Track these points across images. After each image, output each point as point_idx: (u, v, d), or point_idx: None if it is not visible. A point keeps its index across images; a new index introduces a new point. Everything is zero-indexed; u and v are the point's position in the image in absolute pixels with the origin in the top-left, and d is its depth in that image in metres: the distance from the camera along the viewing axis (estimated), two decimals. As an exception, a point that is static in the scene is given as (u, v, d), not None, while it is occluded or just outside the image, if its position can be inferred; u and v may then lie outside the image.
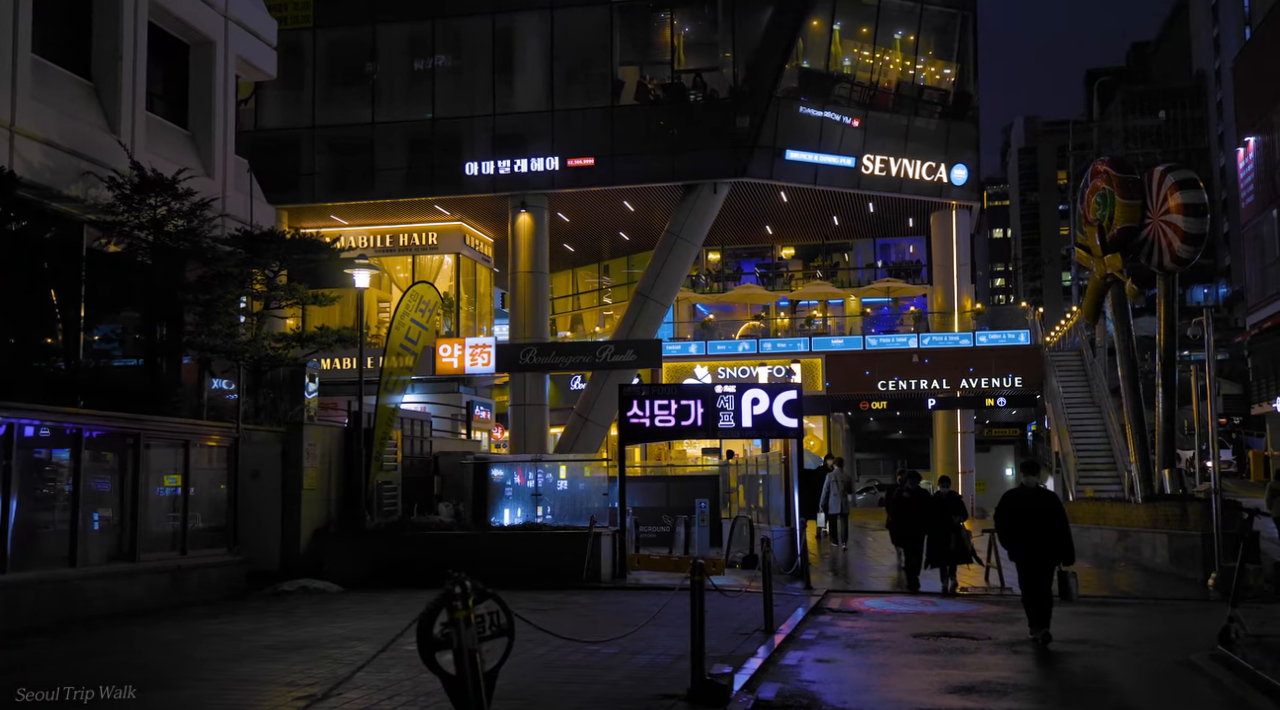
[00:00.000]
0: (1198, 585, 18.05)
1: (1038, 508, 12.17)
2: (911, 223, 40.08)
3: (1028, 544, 12.11)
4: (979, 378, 36.49)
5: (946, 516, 17.02)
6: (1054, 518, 12.10)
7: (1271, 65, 41.06)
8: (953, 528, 16.88)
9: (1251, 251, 43.01)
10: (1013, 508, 12.33)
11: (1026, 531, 12.07)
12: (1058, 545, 12.05)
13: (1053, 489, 35.20)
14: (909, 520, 17.94)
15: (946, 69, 37.56)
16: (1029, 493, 12.40)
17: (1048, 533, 12.00)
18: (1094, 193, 22.88)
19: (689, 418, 19.21)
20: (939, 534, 17.05)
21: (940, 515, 17.12)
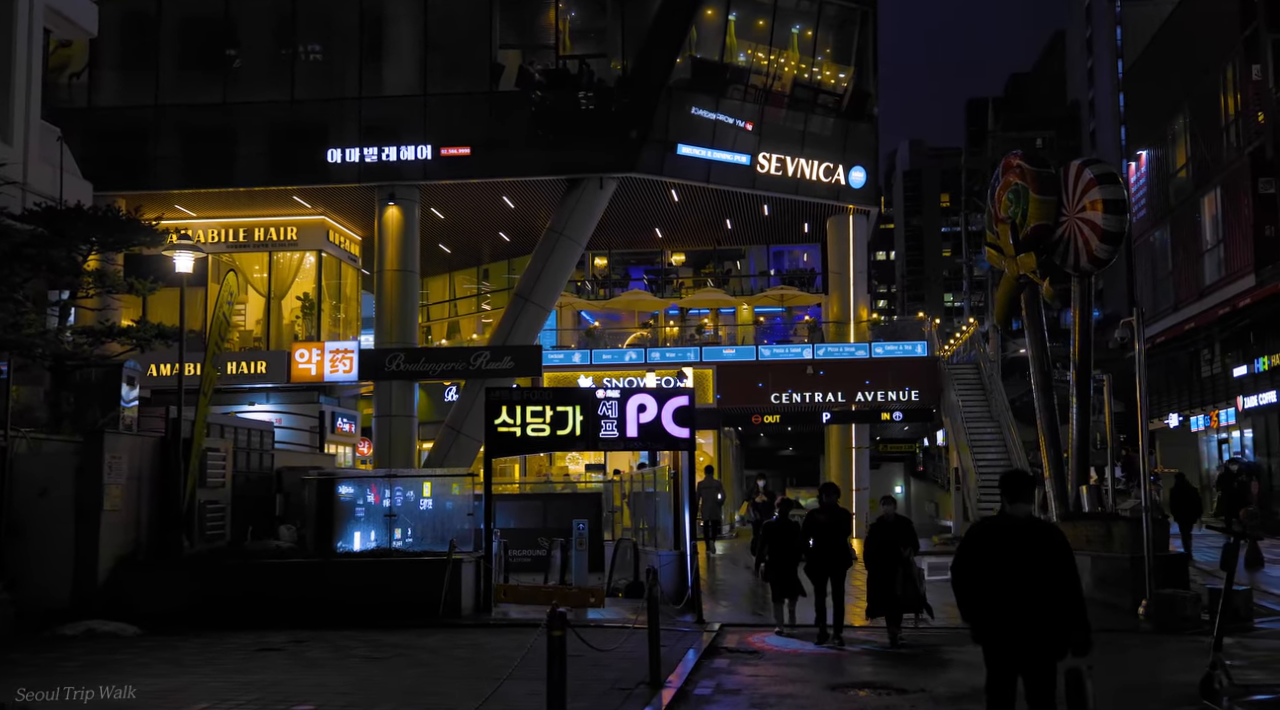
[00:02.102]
0: (1126, 614, 16.23)
1: (1030, 554, 6.72)
2: (807, 228, 38.35)
3: (1008, 618, 6.67)
4: (875, 391, 34.85)
5: (892, 549, 13.53)
6: (1056, 570, 6.72)
7: (1166, 78, 40.56)
8: (900, 562, 13.38)
9: (1143, 265, 42.44)
10: (985, 552, 6.86)
11: (1008, 596, 6.66)
12: (1059, 619, 6.70)
13: (955, 508, 33.84)
14: (827, 553, 13.81)
15: (845, 68, 35.97)
16: (1015, 528, 6.88)
17: (1042, 596, 6.64)
18: (1006, 188, 21.20)
19: (566, 426, 16.82)
20: (882, 572, 13.47)
21: (882, 547, 13.63)
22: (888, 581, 13.36)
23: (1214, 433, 35.80)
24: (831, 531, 13.85)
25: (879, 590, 13.50)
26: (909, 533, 13.75)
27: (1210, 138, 35.39)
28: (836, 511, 14.14)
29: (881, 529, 13.78)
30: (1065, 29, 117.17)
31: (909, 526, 13.93)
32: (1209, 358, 36.33)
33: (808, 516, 14.27)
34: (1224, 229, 34.41)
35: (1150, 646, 13.75)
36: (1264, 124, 31.21)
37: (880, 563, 13.46)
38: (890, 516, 13.84)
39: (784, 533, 14.53)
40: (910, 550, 13.50)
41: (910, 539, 13.63)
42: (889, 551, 13.44)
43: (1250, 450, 33.06)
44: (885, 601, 13.49)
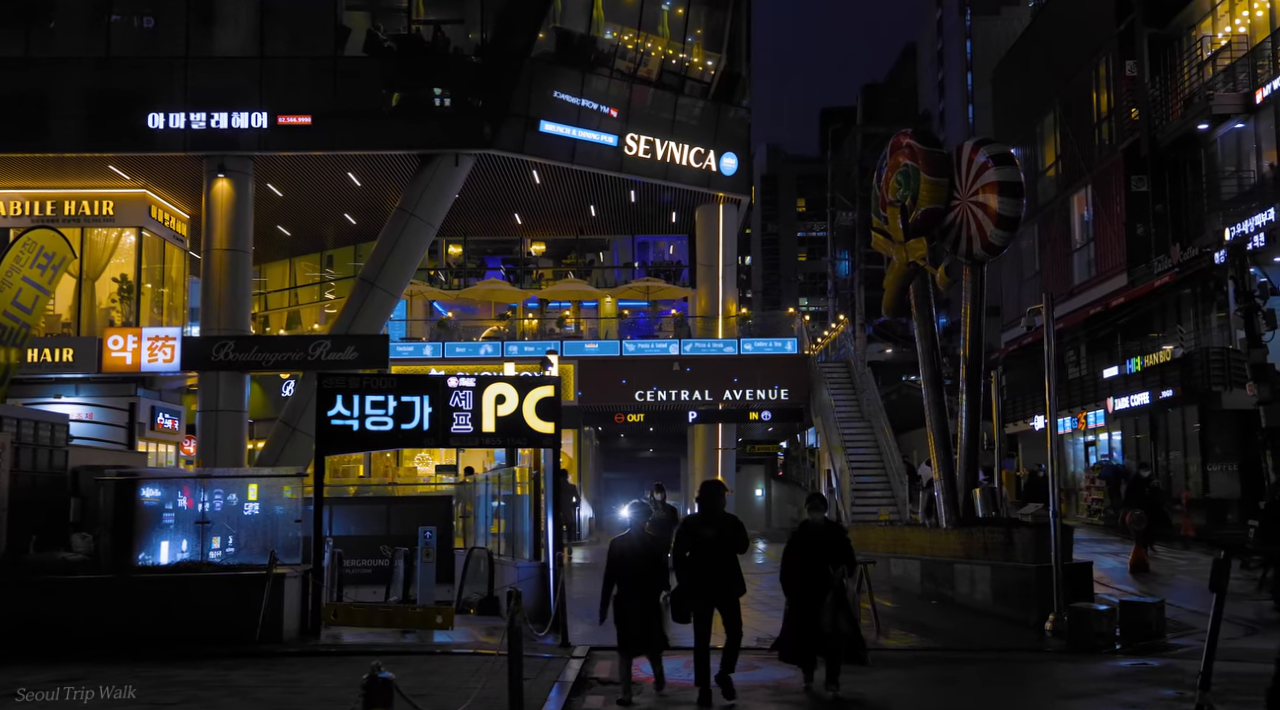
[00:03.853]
0: (1032, 630, 14.76)
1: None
2: (675, 218, 36.61)
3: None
4: (744, 389, 33.35)
5: (819, 567, 10.20)
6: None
7: (1035, 76, 40.26)
8: (832, 587, 10.02)
9: (1009, 266, 42.06)
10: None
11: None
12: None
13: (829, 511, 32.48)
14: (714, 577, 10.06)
15: (716, 53, 34.35)
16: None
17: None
18: (895, 170, 19.62)
19: (412, 419, 14.52)
20: (807, 598, 10.16)
21: (808, 565, 10.35)
22: (813, 610, 9.96)
23: (1081, 435, 35.41)
24: (719, 549, 9.97)
25: (802, 623, 10.11)
26: (842, 545, 10.40)
27: (1081, 135, 34.99)
28: (725, 520, 10.21)
29: (808, 540, 10.42)
30: (917, 41, 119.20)
31: (842, 537, 10.60)
32: (1075, 359, 35.94)
33: (683, 528, 10.43)
34: (1095, 228, 34.00)
35: (1065, 670, 12.22)
36: (1138, 120, 30.76)
37: (804, 586, 10.13)
38: (819, 523, 10.53)
39: (641, 555, 10.16)
40: (844, 569, 10.15)
41: (844, 553, 10.32)
42: (816, 570, 10.08)
43: (1119, 453, 32.65)
44: (810, 639, 10.10)
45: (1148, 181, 30.57)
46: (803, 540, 10.55)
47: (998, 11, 76.57)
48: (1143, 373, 29.70)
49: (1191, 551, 23.17)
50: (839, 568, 10.18)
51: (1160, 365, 28.72)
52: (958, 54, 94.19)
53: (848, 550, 10.49)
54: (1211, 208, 28.49)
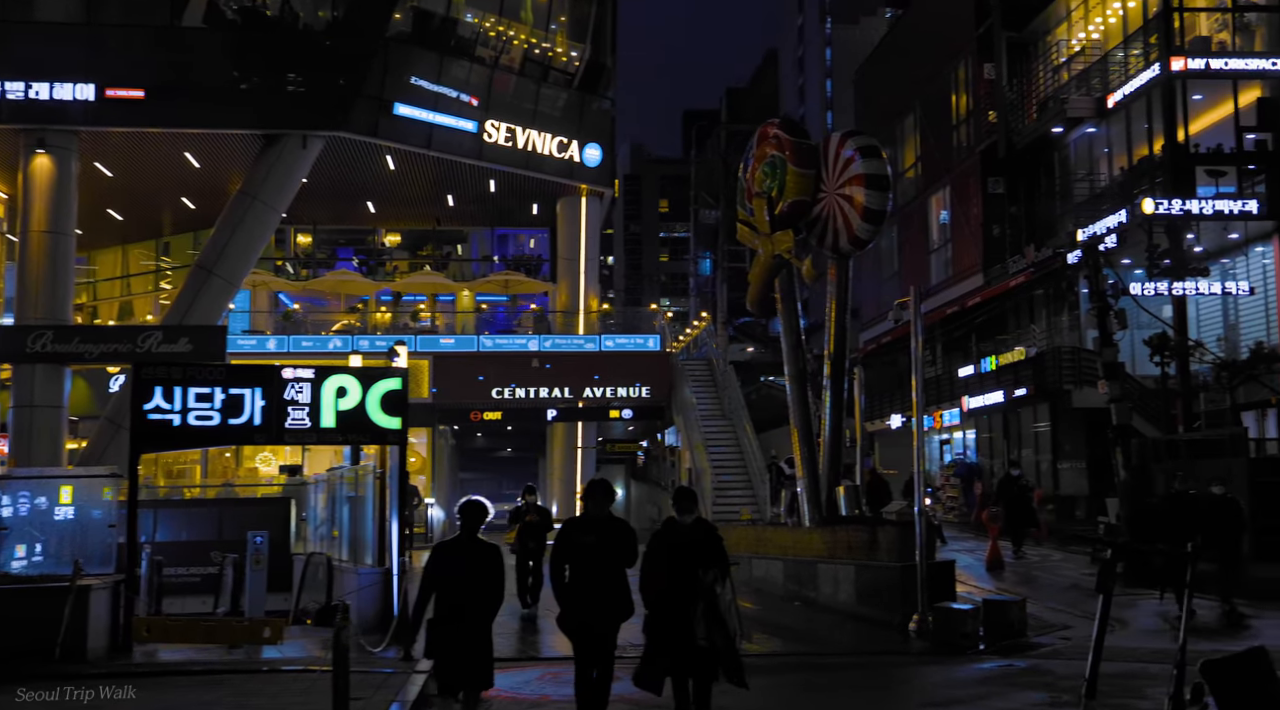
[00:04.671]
0: (896, 631, 14.34)
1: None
2: (536, 210, 35.60)
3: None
4: (604, 386, 32.52)
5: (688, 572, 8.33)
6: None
7: (890, 82, 40.64)
8: (701, 593, 8.25)
9: (869, 267, 42.40)
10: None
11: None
12: None
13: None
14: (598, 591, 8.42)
15: (580, 42, 33.51)
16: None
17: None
18: (761, 160, 19.09)
19: (242, 413, 13.25)
20: (672, 608, 8.31)
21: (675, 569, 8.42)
22: (681, 623, 8.21)
23: (936, 433, 35.76)
24: (601, 560, 8.40)
25: (669, 639, 8.29)
26: (714, 547, 8.55)
27: (940, 137, 35.35)
28: (610, 526, 8.62)
29: (675, 541, 8.54)
30: (779, 47, 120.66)
31: (714, 537, 8.67)
32: (932, 359, 36.30)
33: (559, 535, 8.78)
34: (952, 228, 34.37)
35: (932, 674, 11.78)
36: (995, 123, 31.12)
37: (671, 594, 8.33)
38: (688, 521, 8.63)
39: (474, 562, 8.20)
40: (715, 574, 8.36)
41: (717, 556, 8.52)
42: (684, 576, 8.32)
43: (973, 451, 33.03)
44: (683, 657, 8.29)
45: (1004, 183, 30.96)
46: (669, 541, 8.56)
47: (856, 21, 77.92)
48: (997, 372, 30.04)
49: (1043, 547, 23.35)
50: (710, 572, 8.37)
51: (1014, 364, 29.08)
52: (818, 60, 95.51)
53: (721, 552, 8.62)
54: (1065, 210, 28.97)
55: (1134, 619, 15.10)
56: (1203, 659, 6.51)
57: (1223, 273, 25.67)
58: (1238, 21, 25.12)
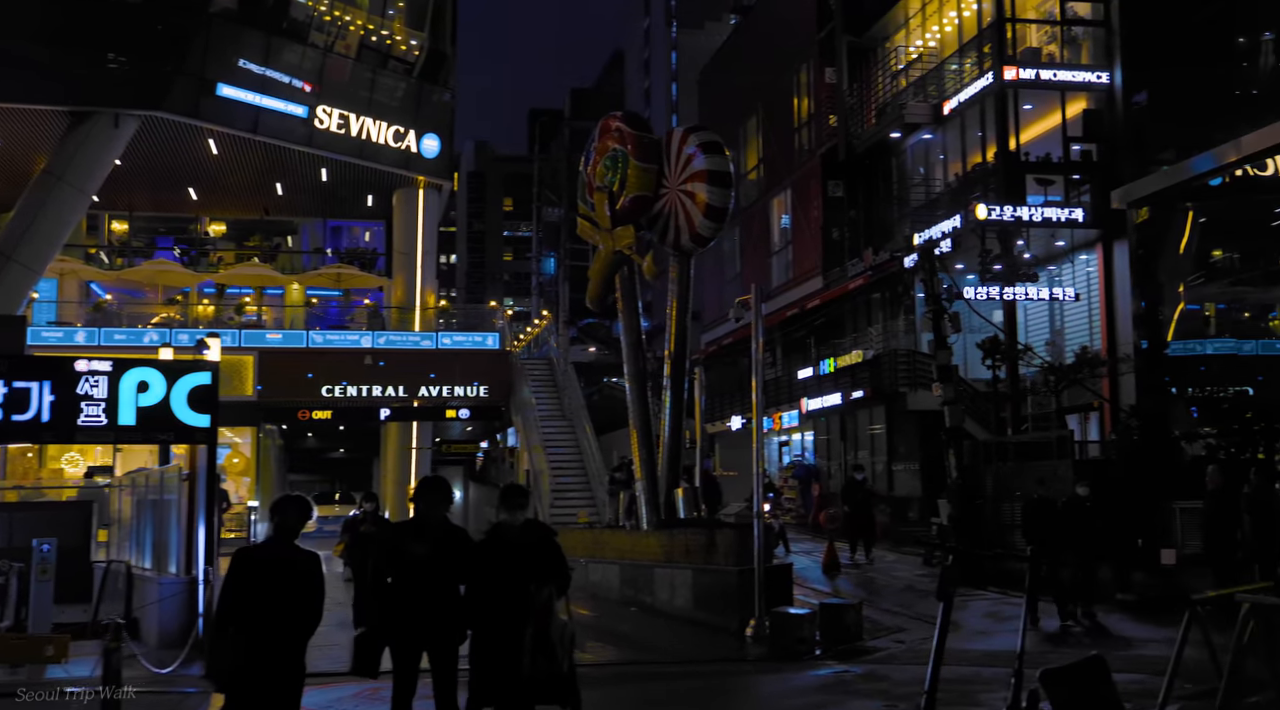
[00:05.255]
0: (733, 636, 14.02)
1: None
2: (372, 202, 34.34)
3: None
4: (441, 385, 31.54)
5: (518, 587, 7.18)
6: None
7: (734, 83, 40.78)
8: (535, 614, 7.10)
9: (710, 269, 42.41)
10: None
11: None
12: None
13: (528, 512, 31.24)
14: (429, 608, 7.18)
15: (420, 26, 32.44)
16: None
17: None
18: (603, 154, 18.60)
19: (28, 409, 12.15)
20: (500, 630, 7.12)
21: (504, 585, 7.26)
22: (508, 646, 7.04)
23: (776, 435, 35.93)
24: (433, 574, 7.14)
25: (494, 665, 7.10)
26: (550, 555, 7.43)
27: (782, 140, 35.55)
28: (446, 534, 7.30)
29: (503, 549, 7.29)
30: (624, 49, 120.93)
31: (550, 544, 7.55)
32: (772, 360, 36.47)
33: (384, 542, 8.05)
34: (793, 231, 34.58)
35: (769, 684, 11.45)
36: (836, 127, 31.40)
37: (496, 612, 7.12)
38: (518, 524, 7.40)
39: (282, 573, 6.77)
40: (551, 590, 7.24)
41: (554, 566, 7.40)
42: (513, 590, 7.12)
43: (811, 453, 33.26)
44: (508, 690, 7.10)
45: (844, 187, 31.26)
46: (495, 549, 7.28)
47: (702, 26, 78.50)
48: (835, 374, 30.28)
49: (878, 549, 23.49)
50: (546, 588, 7.15)
51: (852, 366, 29.34)
52: (664, 64, 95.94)
53: (558, 561, 7.46)
54: (902, 214, 29.39)
55: (966, 620, 15.11)
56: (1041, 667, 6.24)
57: (1050, 279, 26.40)
58: (1065, 35, 25.87)
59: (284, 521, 6.86)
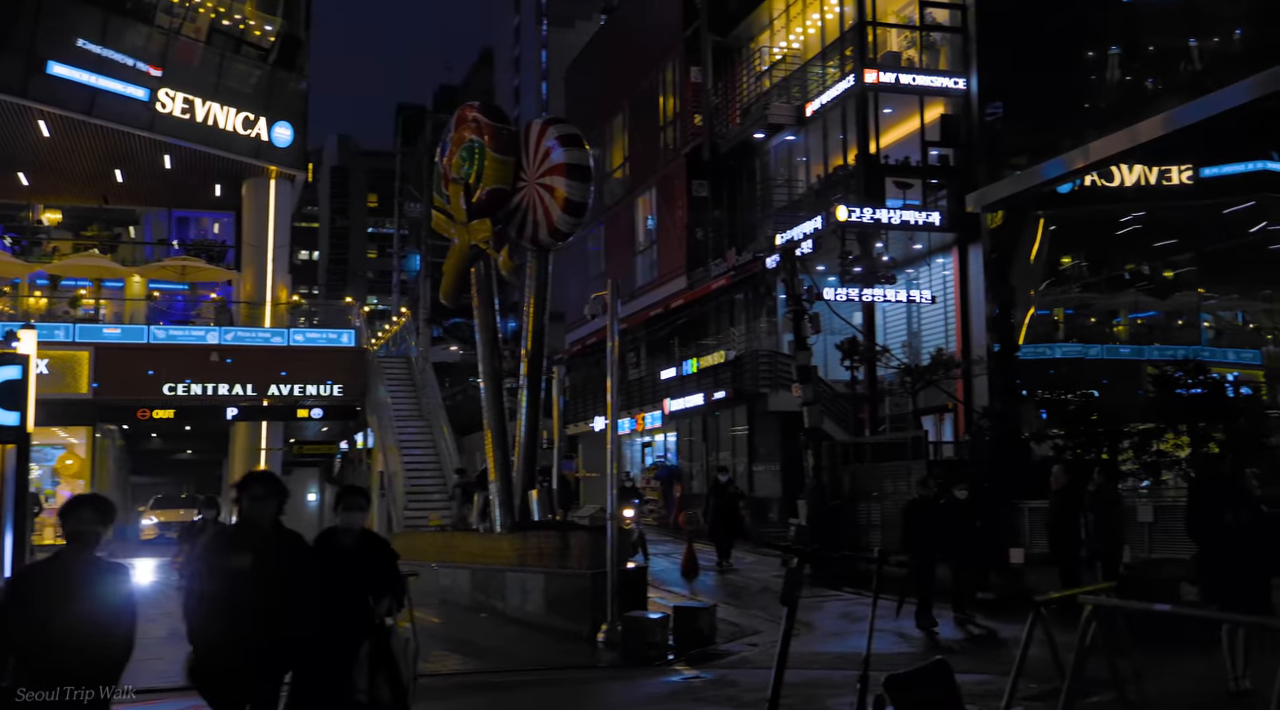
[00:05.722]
0: (585, 642, 13.60)
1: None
2: (220, 192, 32.90)
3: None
4: (293, 384, 30.37)
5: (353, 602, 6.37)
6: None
7: (600, 81, 40.46)
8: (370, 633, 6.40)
9: (574, 268, 42.05)
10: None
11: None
12: None
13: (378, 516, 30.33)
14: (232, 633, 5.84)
15: (273, 10, 31.19)
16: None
17: None
18: (459, 145, 18.00)
19: None
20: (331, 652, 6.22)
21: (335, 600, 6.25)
22: (338, 671, 6.19)
23: (639, 436, 35.71)
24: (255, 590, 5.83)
25: (322, 690, 6.23)
26: (385, 566, 6.60)
27: (648, 139, 35.34)
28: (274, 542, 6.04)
29: (333, 559, 6.37)
30: (494, 47, 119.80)
31: (386, 554, 6.68)
32: (636, 361, 36.27)
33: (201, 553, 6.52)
34: (658, 230, 34.39)
35: (618, 691, 11.07)
36: (701, 126, 31.31)
37: (327, 631, 6.10)
38: (355, 529, 6.54)
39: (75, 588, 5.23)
40: (390, 603, 6.46)
41: (388, 579, 6.57)
42: (345, 606, 6.24)
43: (673, 454, 33.11)
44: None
45: (708, 187, 31.19)
46: (327, 558, 6.36)
47: (572, 25, 78.16)
48: (698, 374, 30.18)
49: (738, 550, 23.38)
50: (385, 602, 6.39)
51: (714, 367, 29.28)
52: (534, 62, 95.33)
53: (391, 573, 6.60)
54: (765, 214, 29.45)
55: (821, 621, 15.01)
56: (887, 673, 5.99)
57: (908, 282, 26.74)
58: (925, 40, 26.25)
59: (76, 529, 5.24)
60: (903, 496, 20.26)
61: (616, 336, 14.66)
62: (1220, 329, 30.29)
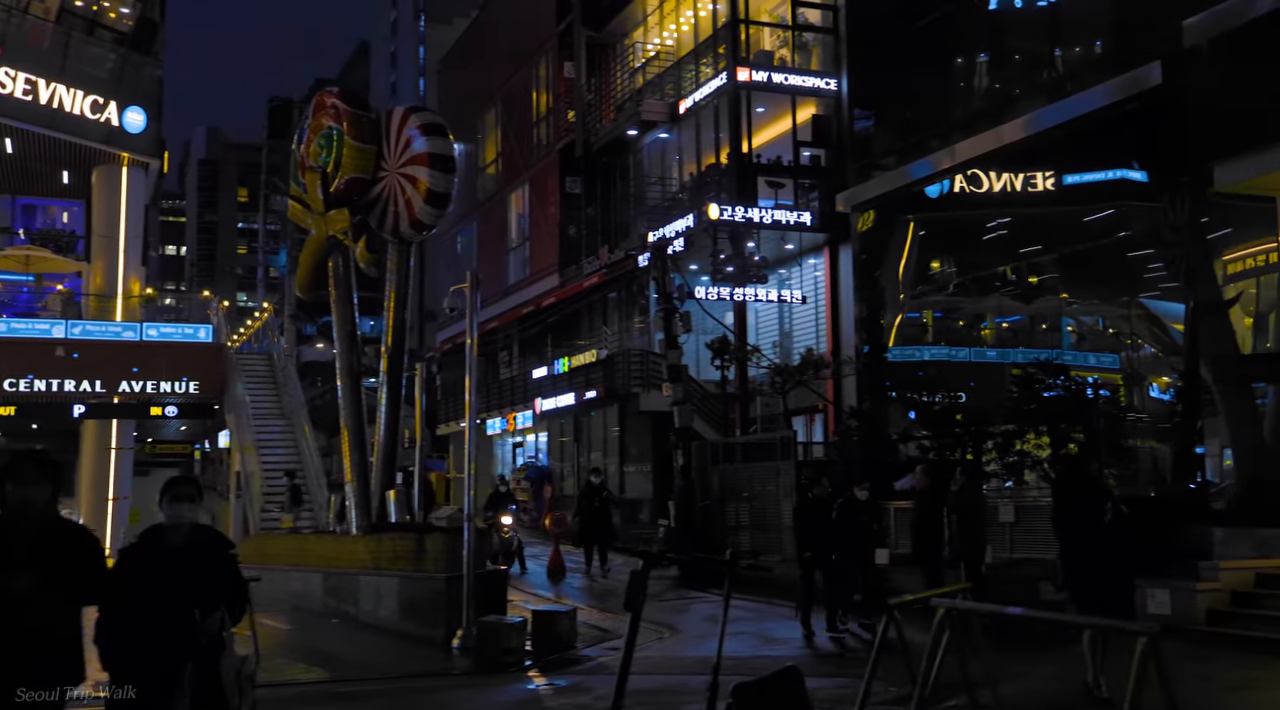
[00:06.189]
0: (439, 648, 13.08)
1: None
2: (69, 179, 31.21)
3: None
4: (145, 380, 28.96)
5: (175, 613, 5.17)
6: None
7: (473, 75, 39.75)
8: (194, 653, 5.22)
9: (446, 265, 41.26)
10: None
11: None
12: None
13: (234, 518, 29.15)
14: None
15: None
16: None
17: None
18: (318, 132, 17.31)
19: None
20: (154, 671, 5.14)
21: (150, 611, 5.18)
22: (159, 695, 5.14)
23: (510, 436, 35.12)
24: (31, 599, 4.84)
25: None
26: (220, 575, 5.43)
27: (521, 134, 34.77)
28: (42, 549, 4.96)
29: (157, 564, 5.30)
30: (372, 41, 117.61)
31: (223, 557, 5.53)
32: (509, 360, 35.68)
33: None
34: (531, 227, 33.85)
35: (468, 701, 10.57)
36: (574, 122, 30.88)
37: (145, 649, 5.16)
38: (185, 527, 5.35)
39: None
40: (222, 617, 5.33)
41: (222, 588, 5.40)
42: (170, 619, 5.17)
43: (544, 454, 32.61)
44: None
45: (582, 183, 30.78)
46: (147, 561, 5.34)
47: (450, 21, 77.01)
48: (570, 373, 29.76)
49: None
50: (215, 616, 5.26)
51: (586, 366, 28.90)
52: (411, 57, 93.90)
53: (227, 579, 5.47)
54: (639, 212, 29.18)
55: (685, 625, 14.73)
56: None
57: (780, 282, 26.73)
58: (797, 40, 26.26)
59: None
60: (771, 497, 20.21)
61: (475, 333, 14.17)
62: (1082, 333, 31.04)
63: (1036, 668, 10.15)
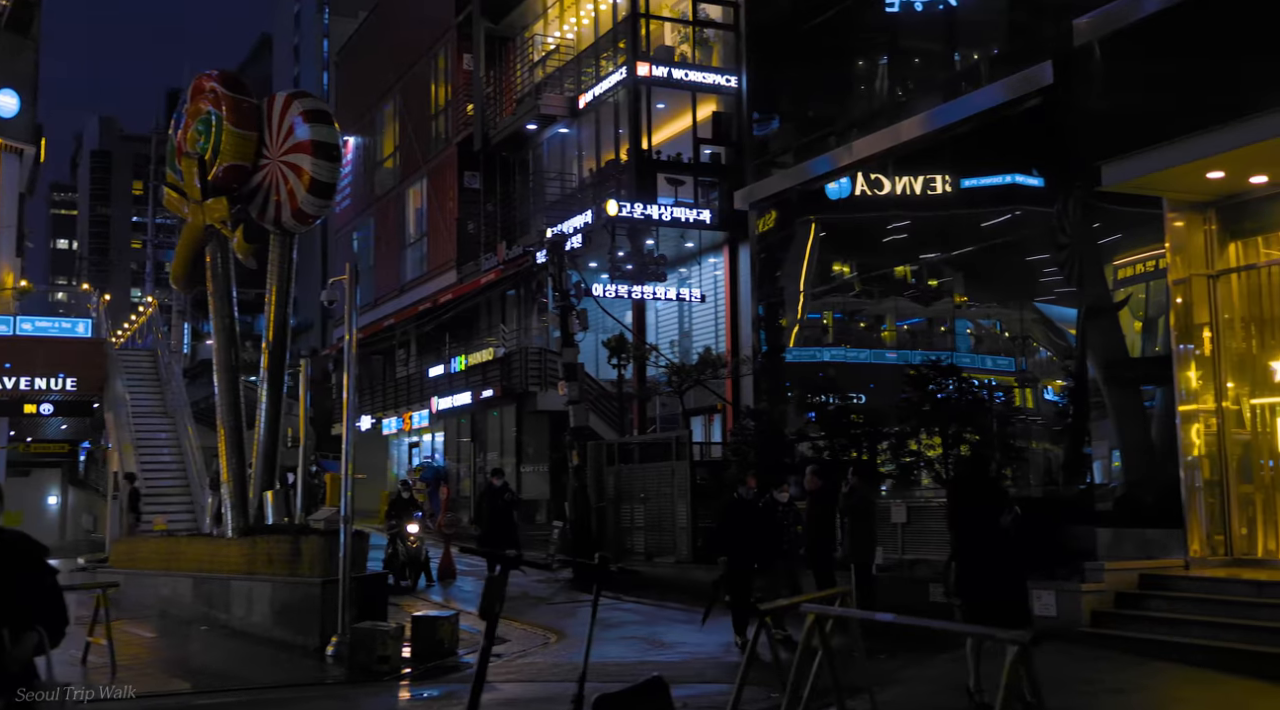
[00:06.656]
0: (313, 655, 12.46)
1: None
2: (-64, 165, 29.65)
3: None
4: (18, 376, 27.66)
5: None
6: None
7: (372, 66, 38.88)
8: None
9: (342, 261, 40.22)
10: None
11: None
12: None
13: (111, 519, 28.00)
14: None
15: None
16: None
17: None
18: (195, 117, 16.56)
19: None
20: None
21: None
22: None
23: (406, 435, 34.36)
24: None
25: None
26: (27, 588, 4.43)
27: (420, 127, 34.04)
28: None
29: None
30: (274, 33, 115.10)
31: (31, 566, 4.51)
32: (406, 358, 34.92)
33: None
34: (429, 222, 33.15)
35: None
36: (473, 116, 30.29)
37: None
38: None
39: None
40: (42, 636, 4.36)
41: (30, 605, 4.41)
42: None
43: (441, 454, 31.96)
44: None
45: (481, 178, 30.20)
46: None
47: (355, 14, 75.58)
48: (466, 372, 29.18)
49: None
50: (25, 638, 4.31)
51: (483, 364, 28.37)
52: (314, 50, 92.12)
53: (38, 593, 4.51)
54: (538, 208, 28.69)
55: (573, 629, 14.32)
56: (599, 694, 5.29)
57: (680, 280, 26.47)
58: (698, 36, 26.03)
59: None
60: (666, 498, 19.94)
61: (354, 330, 13.59)
62: (980, 336, 31.37)
63: (923, 671, 9.97)
